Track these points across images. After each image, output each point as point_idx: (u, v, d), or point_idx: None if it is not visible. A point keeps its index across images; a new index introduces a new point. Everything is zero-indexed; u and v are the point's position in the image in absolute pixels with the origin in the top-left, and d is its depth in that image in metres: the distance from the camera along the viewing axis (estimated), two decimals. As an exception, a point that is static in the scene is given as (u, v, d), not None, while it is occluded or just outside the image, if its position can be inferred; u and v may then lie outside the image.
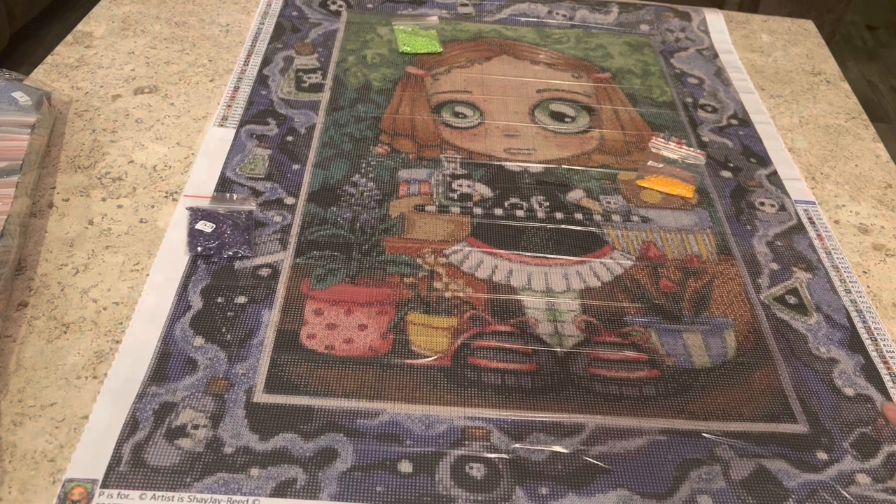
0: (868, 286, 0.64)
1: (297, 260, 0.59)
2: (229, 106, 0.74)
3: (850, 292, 0.62)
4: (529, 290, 0.59)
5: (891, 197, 0.74)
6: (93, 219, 0.61)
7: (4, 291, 0.53)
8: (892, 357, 0.57)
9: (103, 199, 0.63)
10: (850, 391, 0.55)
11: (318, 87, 0.78)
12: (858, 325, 0.60)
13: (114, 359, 0.51)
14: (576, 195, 0.69)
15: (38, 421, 0.47)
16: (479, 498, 0.46)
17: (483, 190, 0.68)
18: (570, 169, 0.72)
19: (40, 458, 0.45)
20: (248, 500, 0.44)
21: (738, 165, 0.75)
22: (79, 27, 0.83)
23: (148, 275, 0.57)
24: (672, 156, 0.73)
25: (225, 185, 0.65)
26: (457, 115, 0.77)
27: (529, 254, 0.62)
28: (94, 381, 0.50)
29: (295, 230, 0.62)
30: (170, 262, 0.58)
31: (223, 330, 0.54)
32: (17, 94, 0.66)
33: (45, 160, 0.66)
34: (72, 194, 0.63)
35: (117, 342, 0.52)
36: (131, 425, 0.47)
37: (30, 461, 0.45)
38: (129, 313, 0.54)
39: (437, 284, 0.59)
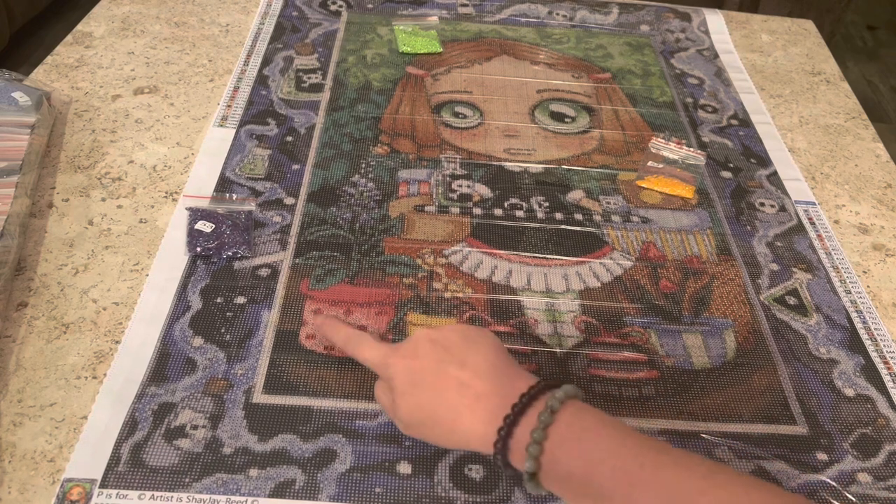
0: (868, 286, 0.64)
1: (297, 260, 0.59)
2: (229, 106, 0.74)
3: (850, 293, 0.62)
4: (529, 291, 0.59)
5: (891, 197, 0.74)
6: (93, 219, 0.61)
7: (4, 291, 0.53)
8: (892, 357, 0.57)
9: (103, 200, 0.63)
10: (850, 392, 0.55)
11: (317, 88, 0.78)
12: (858, 326, 0.60)
13: (113, 359, 0.51)
14: (575, 195, 0.69)
15: (37, 421, 0.47)
16: (478, 499, 0.46)
17: (483, 190, 0.68)
18: (569, 169, 0.72)
19: (40, 459, 0.45)
20: (246, 501, 0.44)
21: (739, 166, 0.74)
22: (79, 27, 0.83)
23: (148, 275, 0.57)
24: (672, 156, 0.73)
25: (224, 185, 0.65)
26: (457, 115, 0.77)
27: (529, 254, 0.62)
28: (93, 382, 0.50)
29: (294, 230, 0.62)
30: (169, 263, 0.58)
31: (222, 330, 0.53)
32: (17, 94, 0.66)
33: (45, 160, 0.66)
34: (72, 194, 0.63)
35: (117, 342, 0.52)
36: (130, 425, 0.47)
37: (29, 461, 0.45)
38: (129, 313, 0.54)
39: (437, 285, 0.59)
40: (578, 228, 0.65)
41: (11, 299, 0.54)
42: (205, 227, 0.59)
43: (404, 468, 0.47)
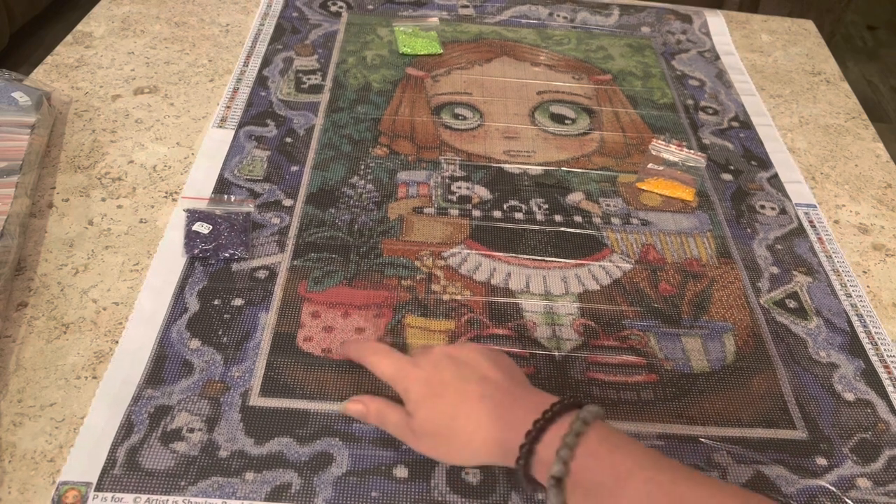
0: (868, 286, 0.63)
1: (295, 262, 0.59)
2: (228, 107, 0.74)
3: (850, 296, 0.62)
4: (528, 294, 0.59)
5: (891, 197, 0.73)
6: (93, 219, 0.61)
7: (4, 291, 0.53)
8: (892, 361, 0.57)
9: (103, 200, 0.63)
10: (850, 396, 0.54)
11: (317, 89, 0.77)
12: (859, 330, 0.59)
13: (110, 360, 0.51)
14: (575, 198, 0.69)
15: (37, 421, 0.47)
16: None
17: (482, 192, 0.68)
18: (569, 171, 0.71)
19: (40, 459, 0.45)
20: (243, 504, 0.44)
21: (739, 168, 0.74)
22: (79, 27, 0.83)
23: (145, 275, 0.57)
24: (672, 158, 0.73)
25: (223, 186, 0.65)
26: (456, 116, 0.77)
27: (528, 256, 0.62)
28: (93, 382, 0.50)
29: (293, 232, 0.62)
30: (166, 264, 0.58)
31: (219, 332, 0.53)
32: (17, 94, 0.66)
33: (45, 160, 0.66)
34: (71, 194, 0.63)
35: (117, 342, 0.52)
36: (126, 428, 0.47)
37: (29, 461, 0.45)
38: (129, 313, 0.54)
39: (435, 287, 0.59)
40: (578, 231, 0.65)
41: (11, 299, 0.54)
42: (202, 228, 0.59)
43: (401, 472, 0.47)
